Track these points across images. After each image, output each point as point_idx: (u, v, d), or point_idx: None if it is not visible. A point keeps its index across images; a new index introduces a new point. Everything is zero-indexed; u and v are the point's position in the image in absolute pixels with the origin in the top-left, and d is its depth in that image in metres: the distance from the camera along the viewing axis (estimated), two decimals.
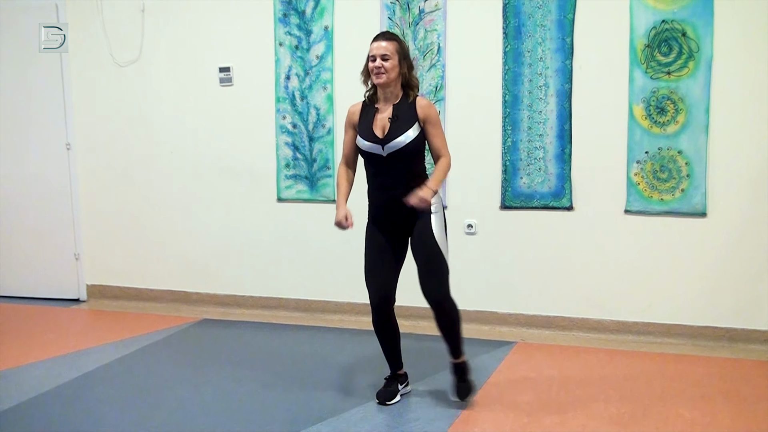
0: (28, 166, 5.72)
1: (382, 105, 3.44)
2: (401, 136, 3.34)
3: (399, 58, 3.37)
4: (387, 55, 3.34)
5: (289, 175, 5.14)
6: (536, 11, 4.51)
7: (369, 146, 3.40)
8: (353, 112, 3.52)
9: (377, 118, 3.42)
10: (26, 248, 5.79)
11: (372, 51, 3.37)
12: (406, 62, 3.41)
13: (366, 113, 3.47)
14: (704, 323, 4.44)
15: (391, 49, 3.35)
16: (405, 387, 3.69)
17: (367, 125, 3.43)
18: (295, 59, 5.03)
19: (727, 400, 3.58)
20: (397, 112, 3.38)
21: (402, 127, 3.36)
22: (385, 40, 3.38)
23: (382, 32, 3.51)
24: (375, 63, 3.35)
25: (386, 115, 3.40)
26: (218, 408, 3.57)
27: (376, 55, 3.35)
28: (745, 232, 4.32)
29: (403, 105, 3.41)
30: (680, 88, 4.32)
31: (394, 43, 3.37)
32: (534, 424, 3.33)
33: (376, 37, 3.43)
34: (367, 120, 3.44)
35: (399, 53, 3.37)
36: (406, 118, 3.38)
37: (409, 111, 3.40)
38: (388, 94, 3.42)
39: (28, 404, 3.65)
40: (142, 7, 5.34)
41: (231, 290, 5.40)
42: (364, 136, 3.42)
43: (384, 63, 3.33)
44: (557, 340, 4.59)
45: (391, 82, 3.38)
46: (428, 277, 3.39)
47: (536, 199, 4.64)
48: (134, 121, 5.48)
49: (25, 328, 5.05)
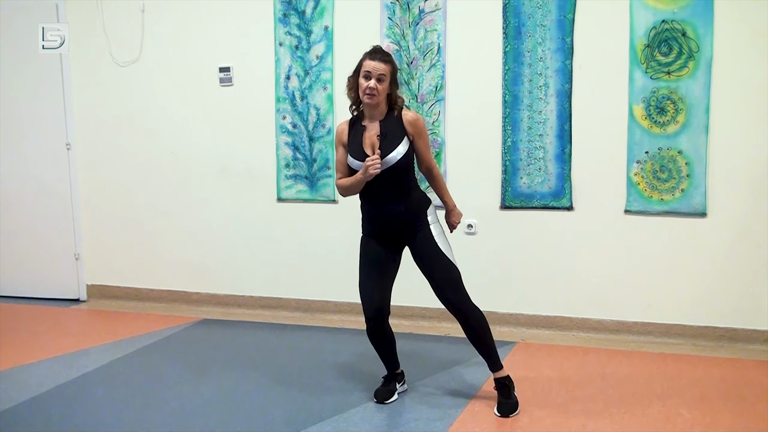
0: (28, 166, 5.71)
1: (368, 122, 3.41)
2: (392, 152, 3.32)
3: (391, 80, 3.34)
4: (383, 78, 3.30)
5: (289, 175, 5.14)
6: (536, 11, 4.51)
7: (360, 165, 3.36)
8: (341, 131, 3.49)
9: (366, 137, 3.39)
10: (26, 248, 5.79)
11: (367, 67, 3.30)
12: (395, 84, 3.39)
13: (354, 131, 3.44)
14: (704, 323, 4.44)
15: (388, 70, 3.31)
16: (402, 386, 3.70)
17: (357, 144, 3.40)
18: (295, 59, 5.03)
19: (727, 400, 3.58)
20: (385, 129, 3.35)
21: (392, 143, 3.34)
22: (383, 62, 3.31)
23: (377, 50, 3.38)
24: (369, 83, 3.29)
25: (374, 132, 3.37)
26: (218, 408, 3.57)
27: (372, 75, 3.29)
28: (745, 232, 4.32)
29: (390, 120, 3.38)
30: (680, 88, 4.32)
31: (390, 65, 3.33)
32: (534, 424, 3.33)
33: (372, 54, 3.34)
34: (356, 139, 3.41)
35: (392, 74, 3.34)
36: (395, 134, 3.35)
37: (397, 126, 3.37)
38: (374, 112, 3.39)
39: (28, 404, 3.65)
40: (142, 7, 5.34)
41: (231, 290, 5.40)
42: (354, 156, 3.39)
43: (378, 85, 3.29)
44: (557, 340, 4.59)
45: (380, 103, 3.36)
46: (444, 286, 3.40)
47: (536, 199, 4.64)
48: (134, 121, 5.48)
49: (25, 328, 5.05)
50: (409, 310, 4.88)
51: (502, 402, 3.43)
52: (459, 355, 4.20)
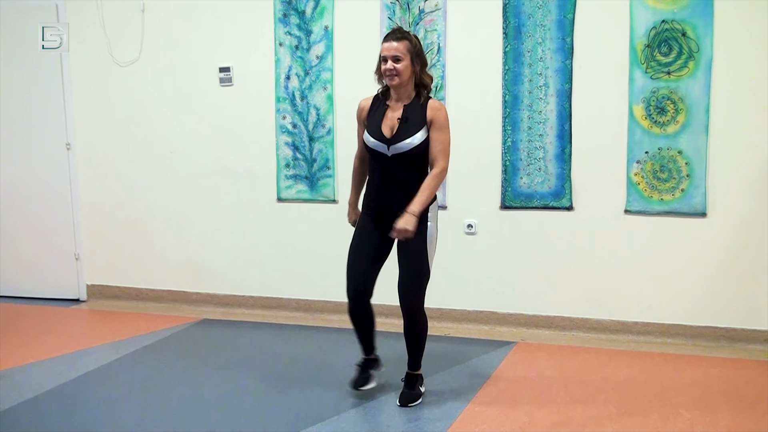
0: (28, 166, 5.71)
1: (393, 103, 3.39)
2: (408, 138, 3.30)
3: (411, 57, 3.28)
4: (399, 57, 3.26)
5: (289, 175, 5.14)
6: (536, 11, 4.51)
7: (374, 144, 3.36)
8: (363, 107, 3.48)
9: (387, 117, 3.37)
10: (26, 248, 5.79)
11: (383, 52, 3.30)
12: (419, 60, 3.32)
13: (376, 109, 3.42)
14: (704, 323, 4.44)
15: (403, 49, 3.26)
16: (378, 370, 3.73)
17: (376, 122, 3.38)
18: (295, 59, 5.03)
19: (727, 400, 3.58)
20: (407, 114, 3.33)
21: (411, 129, 3.31)
22: (395, 40, 3.28)
23: (393, 30, 3.37)
24: (387, 65, 3.27)
25: (396, 114, 3.35)
26: (218, 408, 3.57)
27: (387, 57, 3.27)
28: (745, 232, 4.32)
29: (414, 106, 3.35)
30: (680, 88, 4.32)
31: (405, 42, 3.28)
32: (534, 424, 3.33)
33: (387, 36, 3.33)
34: (377, 117, 3.39)
35: (411, 52, 3.28)
36: (416, 121, 3.32)
37: (420, 113, 3.33)
38: (401, 93, 3.37)
39: (28, 404, 3.65)
40: (142, 7, 5.34)
41: (231, 290, 5.40)
42: (371, 133, 3.39)
43: (396, 65, 3.26)
44: (557, 340, 4.59)
45: (404, 83, 3.32)
46: (406, 284, 3.41)
47: (536, 199, 4.64)
48: (134, 121, 5.48)
49: (25, 328, 5.05)
50: None
51: (405, 392, 3.55)
52: (459, 355, 4.20)
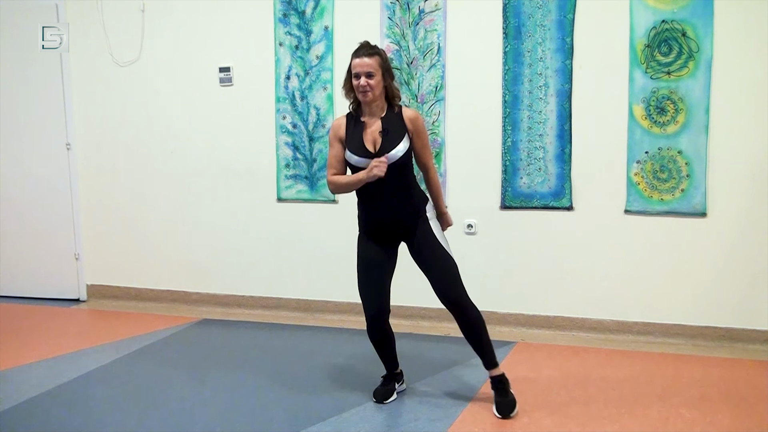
0: (28, 166, 5.72)
1: (368, 119, 3.38)
2: (394, 149, 3.30)
3: (382, 72, 3.31)
4: (371, 72, 3.27)
5: (289, 175, 5.14)
6: (536, 11, 4.51)
7: (360, 161, 3.34)
8: (338, 125, 3.45)
9: (367, 132, 3.36)
10: (26, 248, 5.79)
11: (355, 68, 3.29)
12: (388, 74, 3.35)
13: (353, 127, 3.41)
14: (704, 323, 4.44)
15: (375, 64, 3.27)
16: (401, 385, 3.70)
17: (357, 140, 3.36)
18: (295, 59, 5.03)
19: (727, 400, 3.57)
20: (387, 126, 3.34)
21: (394, 140, 3.32)
22: (367, 56, 3.29)
23: (362, 46, 3.36)
24: (360, 81, 3.28)
25: (375, 128, 3.35)
26: (218, 408, 3.57)
27: (360, 73, 3.28)
28: (745, 232, 4.32)
29: (391, 117, 3.36)
30: (680, 88, 4.32)
31: (376, 57, 3.30)
32: (534, 424, 3.33)
33: (357, 51, 3.33)
34: (356, 134, 3.38)
35: (382, 67, 3.31)
36: (396, 131, 3.34)
37: (398, 123, 3.35)
38: (373, 108, 3.37)
39: (28, 404, 3.65)
40: (142, 7, 5.34)
41: (231, 290, 5.40)
42: (355, 152, 3.36)
43: (369, 81, 3.27)
44: (557, 340, 4.59)
45: (377, 98, 3.34)
46: (442, 280, 3.38)
47: (536, 199, 4.64)
48: (134, 121, 5.48)
49: (25, 328, 5.05)
50: (409, 310, 4.88)
51: (500, 402, 3.42)
52: (459, 355, 4.20)
